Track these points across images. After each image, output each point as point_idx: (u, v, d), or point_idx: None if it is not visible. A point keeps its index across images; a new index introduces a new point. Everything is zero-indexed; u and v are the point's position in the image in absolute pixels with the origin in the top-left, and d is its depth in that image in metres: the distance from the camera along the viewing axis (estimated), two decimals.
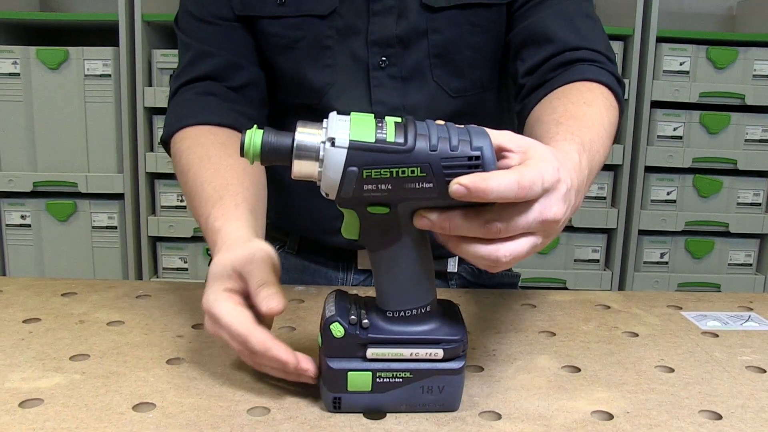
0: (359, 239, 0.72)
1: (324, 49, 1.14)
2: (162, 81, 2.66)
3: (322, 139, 0.67)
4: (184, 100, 1.17)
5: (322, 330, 0.75)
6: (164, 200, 2.75)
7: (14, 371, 0.84)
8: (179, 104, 1.17)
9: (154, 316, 1.04)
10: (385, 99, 1.15)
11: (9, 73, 2.62)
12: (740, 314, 1.11)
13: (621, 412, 0.77)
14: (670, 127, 2.73)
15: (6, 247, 2.76)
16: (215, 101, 1.15)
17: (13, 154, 2.69)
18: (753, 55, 2.70)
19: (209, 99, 1.15)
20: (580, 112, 0.93)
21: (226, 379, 0.83)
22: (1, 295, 1.11)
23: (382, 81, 1.15)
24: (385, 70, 1.15)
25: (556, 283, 2.82)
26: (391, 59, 1.14)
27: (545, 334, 1.01)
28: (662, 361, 0.92)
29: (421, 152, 0.66)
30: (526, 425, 0.74)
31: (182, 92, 1.18)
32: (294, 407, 0.76)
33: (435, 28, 1.13)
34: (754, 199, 2.82)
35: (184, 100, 1.17)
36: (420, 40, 1.14)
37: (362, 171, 0.66)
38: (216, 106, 1.14)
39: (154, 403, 0.77)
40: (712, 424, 0.75)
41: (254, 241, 0.86)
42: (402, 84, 1.16)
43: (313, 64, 1.15)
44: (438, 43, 1.14)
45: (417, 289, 0.74)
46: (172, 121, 1.15)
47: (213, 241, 0.90)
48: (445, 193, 0.66)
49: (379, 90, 1.15)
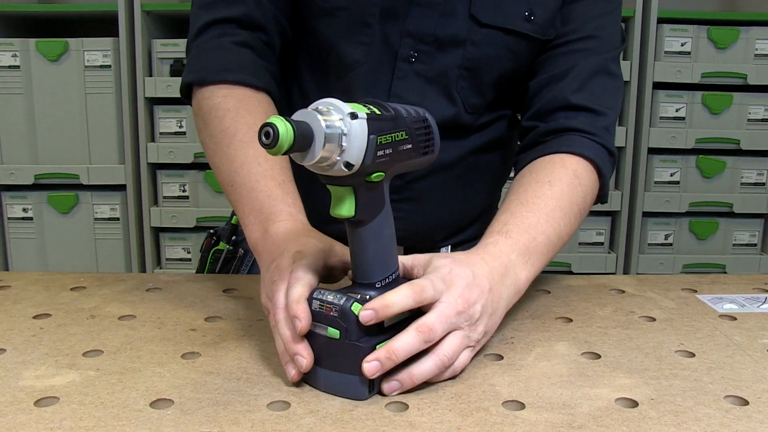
0: (355, 214, 0.76)
1: (363, 26, 1.11)
2: (163, 71, 2.65)
3: (341, 116, 0.70)
4: (222, 47, 1.11)
5: (338, 318, 0.75)
6: (166, 191, 2.74)
7: (28, 368, 0.83)
8: (216, 50, 1.12)
9: (165, 309, 1.03)
10: (403, 94, 1.13)
11: (9, 66, 2.61)
12: (756, 296, 1.10)
13: (645, 399, 0.76)
14: (672, 108, 2.73)
15: (8, 241, 2.76)
16: (252, 57, 1.11)
17: (14, 147, 2.68)
18: (754, 35, 2.69)
19: (247, 53, 1.11)
20: (536, 194, 1.03)
21: (243, 372, 0.82)
22: (9, 291, 1.10)
23: (406, 74, 1.13)
24: (413, 65, 1.13)
25: (561, 267, 2.81)
26: (422, 56, 1.12)
27: (562, 320, 1.00)
28: (682, 346, 0.91)
29: (402, 119, 0.77)
30: (551, 414, 0.73)
31: (217, 34, 1.12)
32: (314, 401, 0.75)
33: (474, 41, 1.12)
34: (757, 178, 2.81)
35: (222, 47, 1.11)
36: (456, 48, 1.12)
37: (377, 138, 0.72)
38: (255, 64, 1.11)
39: (171, 399, 0.75)
40: (740, 410, 0.74)
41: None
42: (424, 84, 1.14)
43: (349, 38, 1.12)
44: (472, 57, 1.13)
45: (393, 255, 0.82)
46: (208, 68, 1.11)
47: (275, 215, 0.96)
48: (418, 150, 0.79)
49: (400, 83, 1.13)
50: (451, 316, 0.79)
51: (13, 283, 1.13)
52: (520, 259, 0.93)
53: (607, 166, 1.13)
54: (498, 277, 0.88)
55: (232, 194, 1.03)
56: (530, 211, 0.99)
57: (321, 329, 0.77)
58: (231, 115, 1.05)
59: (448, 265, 0.84)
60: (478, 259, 0.88)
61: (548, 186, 1.03)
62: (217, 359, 0.86)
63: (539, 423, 0.71)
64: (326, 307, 0.76)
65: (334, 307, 0.76)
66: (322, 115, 0.69)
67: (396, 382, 0.77)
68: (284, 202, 0.98)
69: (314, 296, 0.78)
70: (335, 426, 0.70)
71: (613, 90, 1.18)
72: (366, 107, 0.73)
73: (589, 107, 1.13)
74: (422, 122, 0.80)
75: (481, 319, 0.83)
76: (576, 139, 1.11)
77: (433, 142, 0.82)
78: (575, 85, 1.13)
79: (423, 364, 0.77)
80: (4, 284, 1.13)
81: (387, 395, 0.77)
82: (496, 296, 0.86)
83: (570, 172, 1.07)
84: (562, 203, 1.02)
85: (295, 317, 0.78)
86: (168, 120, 2.67)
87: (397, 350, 0.75)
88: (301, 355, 0.77)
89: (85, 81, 2.62)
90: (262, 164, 1.01)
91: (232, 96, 1.08)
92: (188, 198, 2.74)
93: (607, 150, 1.13)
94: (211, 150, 1.07)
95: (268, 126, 0.65)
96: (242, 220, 1.01)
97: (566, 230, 1.03)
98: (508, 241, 0.93)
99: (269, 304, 0.87)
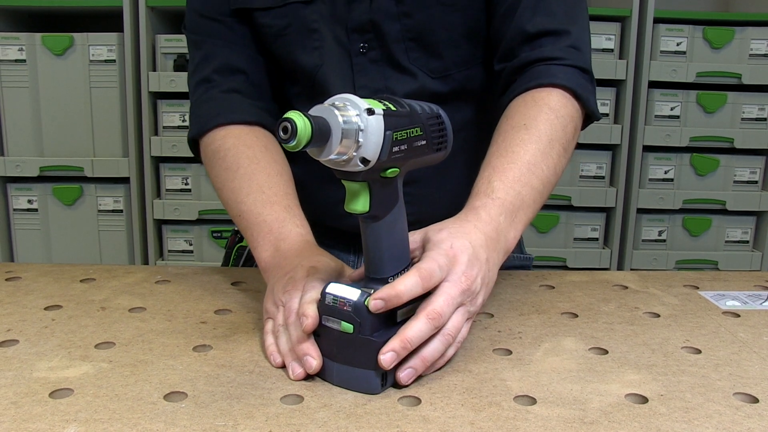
0: (370, 209, 0.76)
1: (311, 32, 1.16)
2: (166, 66, 2.65)
3: (357, 112, 0.70)
4: (212, 98, 1.19)
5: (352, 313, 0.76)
6: (169, 183, 2.74)
7: (41, 360, 0.83)
8: (207, 102, 1.20)
9: (175, 301, 1.04)
10: (368, 83, 1.16)
11: (15, 60, 2.61)
12: (758, 293, 1.11)
13: (655, 395, 0.76)
14: (667, 106, 2.74)
15: (14, 232, 2.76)
16: (239, 98, 1.19)
17: (19, 140, 2.68)
18: (749, 35, 2.70)
19: (235, 97, 1.19)
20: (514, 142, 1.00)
21: (256, 365, 0.83)
22: (20, 282, 1.11)
23: (363, 66, 1.16)
24: (366, 56, 1.16)
25: (557, 262, 2.84)
26: (370, 44, 1.15)
27: (567, 315, 1.00)
28: (688, 342, 0.91)
29: (417, 115, 0.78)
30: (563, 410, 0.73)
31: (205, 89, 1.20)
32: (327, 395, 0.76)
33: (405, 12, 1.13)
34: (750, 177, 2.83)
35: (212, 98, 1.19)
36: (392, 25, 1.14)
37: (393, 134, 0.73)
38: (243, 103, 1.19)
39: (185, 392, 0.76)
40: (750, 408, 0.74)
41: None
42: (383, 68, 1.16)
43: (303, 48, 1.17)
44: (411, 27, 1.14)
45: (406, 250, 0.83)
46: (203, 118, 1.18)
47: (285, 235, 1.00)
48: (431, 147, 0.80)
49: (361, 75, 1.17)
50: (456, 297, 0.81)
51: (24, 275, 1.14)
52: (508, 219, 0.93)
53: (583, 86, 1.09)
54: (492, 244, 0.89)
55: (241, 223, 1.07)
56: (512, 162, 0.98)
57: (334, 324, 0.77)
58: (232, 152, 1.12)
59: (447, 239, 0.85)
60: (472, 227, 0.88)
61: (524, 130, 1.01)
62: (228, 352, 0.86)
63: (551, 418, 0.71)
64: (340, 301, 0.77)
65: (348, 301, 0.76)
66: (339, 110, 0.69)
67: (410, 369, 0.78)
68: (293, 224, 1.02)
69: (327, 291, 0.78)
70: (349, 420, 0.71)
71: (571, 3, 1.13)
72: (382, 103, 0.73)
73: (547, 30, 1.10)
74: (436, 118, 0.81)
75: (481, 292, 0.85)
76: (542, 70, 1.08)
77: (446, 138, 0.83)
78: (528, 13, 1.10)
79: (431, 346, 0.79)
80: (15, 275, 1.14)
81: (405, 385, 0.78)
82: (491, 265, 0.88)
83: (543, 107, 1.04)
84: (542, 146, 1.00)
85: (303, 315, 0.79)
86: (171, 114, 2.68)
87: (411, 339, 0.77)
88: (311, 356, 0.79)
89: (89, 75, 2.62)
90: (266, 192, 1.06)
91: (229, 135, 1.15)
92: (190, 191, 2.74)
93: (579, 68, 1.09)
94: (219, 188, 1.13)
95: (287, 121, 0.66)
96: (252, 243, 1.04)
97: (551, 172, 1.01)
98: (495, 203, 0.93)
99: (273, 309, 0.89)
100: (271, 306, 0.90)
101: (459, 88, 1.19)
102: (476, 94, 1.22)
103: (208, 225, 2.78)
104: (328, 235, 1.27)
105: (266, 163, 1.10)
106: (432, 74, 1.17)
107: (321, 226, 1.27)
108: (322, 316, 0.79)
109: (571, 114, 1.06)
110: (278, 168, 1.11)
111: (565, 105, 1.06)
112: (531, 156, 0.99)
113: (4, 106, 2.65)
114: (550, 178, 1.00)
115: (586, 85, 1.09)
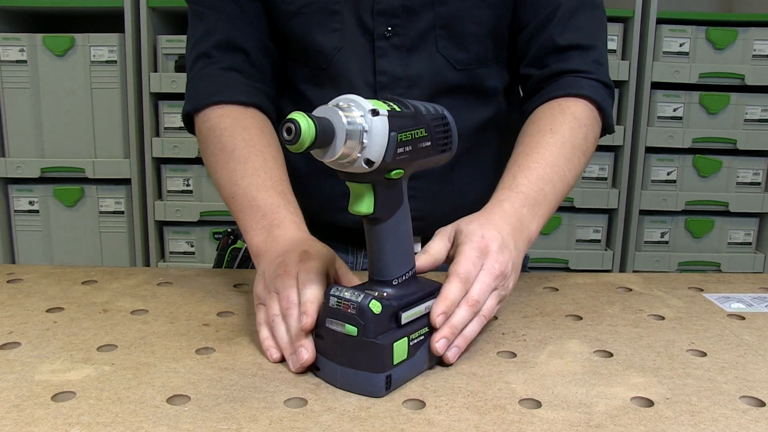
0: (374, 211, 0.76)
1: (332, 14, 1.15)
2: (167, 67, 2.65)
3: (362, 113, 0.70)
4: (210, 74, 1.18)
5: (356, 315, 0.76)
6: (170, 185, 2.74)
7: (43, 362, 0.83)
8: (205, 78, 1.18)
9: (177, 303, 1.03)
10: (389, 69, 1.16)
11: (16, 61, 2.60)
12: (763, 296, 1.11)
13: (661, 399, 0.76)
14: (670, 107, 2.74)
15: (15, 233, 2.76)
16: (238, 78, 1.18)
17: (20, 141, 2.68)
18: (752, 36, 2.69)
19: (234, 76, 1.18)
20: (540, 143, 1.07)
21: (259, 368, 0.82)
22: (22, 284, 1.10)
23: (386, 51, 1.16)
24: (390, 40, 1.16)
25: (559, 263, 2.83)
26: (396, 29, 1.15)
27: (572, 317, 1.00)
28: (693, 345, 0.91)
29: (422, 116, 0.77)
30: (568, 413, 0.73)
31: (204, 64, 1.19)
32: (331, 398, 0.76)
33: (441, 0, 1.14)
34: (753, 178, 2.82)
35: (210, 74, 1.18)
36: (426, 11, 1.14)
37: (398, 135, 0.72)
38: (241, 83, 1.18)
39: (188, 395, 0.75)
40: (757, 411, 0.74)
41: None
42: (406, 54, 1.17)
43: (322, 29, 1.16)
44: (444, 15, 1.15)
45: (410, 252, 0.83)
46: (201, 95, 1.17)
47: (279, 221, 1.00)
48: (436, 148, 0.80)
49: (383, 60, 1.16)
50: (491, 283, 0.86)
51: (25, 276, 1.14)
52: (531, 212, 0.99)
53: (605, 99, 1.17)
54: (518, 234, 0.94)
55: (234, 205, 1.07)
56: (536, 161, 1.04)
57: (338, 326, 0.77)
58: (228, 132, 1.11)
59: (478, 229, 0.90)
60: (498, 218, 0.94)
61: (550, 134, 1.08)
62: (231, 355, 0.86)
63: (557, 422, 0.71)
64: (344, 304, 0.76)
65: (352, 304, 0.76)
66: (344, 111, 0.69)
67: (456, 348, 0.84)
68: (287, 210, 1.02)
69: (331, 293, 0.78)
70: (354, 423, 0.70)
71: (598, 22, 1.21)
72: (386, 104, 0.73)
73: (576, 44, 1.17)
74: (441, 119, 0.81)
75: (511, 276, 0.91)
76: (570, 81, 1.16)
77: (451, 139, 0.82)
78: (560, 27, 1.17)
79: (471, 327, 0.85)
80: (16, 277, 1.13)
81: (451, 363, 0.83)
82: (518, 252, 0.93)
83: (569, 115, 1.11)
84: (565, 150, 1.07)
85: (304, 313, 0.80)
86: (172, 115, 2.67)
87: (458, 326, 0.83)
88: (305, 348, 0.79)
89: (91, 76, 2.62)
90: (261, 176, 1.06)
91: (226, 115, 1.14)
92: (192, 192, 2.74)
93: (602, 83, 1.17)
94: (213, 167, 1.12)
95: (290, 122, 0.65)
96: (243, 227, 1.04)
97: (571, 174, 1.08)
98: (518, 196, 0.99)
99: (265, 295, 0.89)
100: (262, 291, 0.91)
101: (474, 83, 1.21)
102: (488, 93, 1.23)
103: (210, 226, 2.78)
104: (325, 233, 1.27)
105: (262, 146, 1.10)
106: (456, 66, 1.18)
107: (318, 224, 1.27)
108: (325, 318, 0.78)
109: (592, 124, 1.14)
110: (273, 153, 1.11)
111: (588, 115, 1.14)
112: (554, 158, 1.05)
113: (5, 106, 2.65)
114: (569, 180, 1.07)
115: (607, 99, 1.17)
